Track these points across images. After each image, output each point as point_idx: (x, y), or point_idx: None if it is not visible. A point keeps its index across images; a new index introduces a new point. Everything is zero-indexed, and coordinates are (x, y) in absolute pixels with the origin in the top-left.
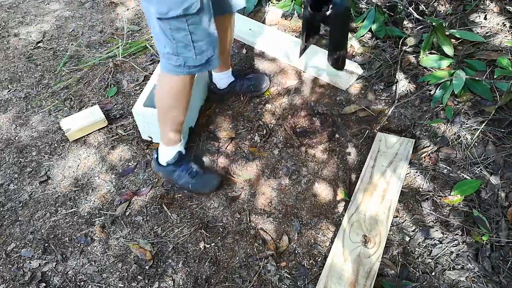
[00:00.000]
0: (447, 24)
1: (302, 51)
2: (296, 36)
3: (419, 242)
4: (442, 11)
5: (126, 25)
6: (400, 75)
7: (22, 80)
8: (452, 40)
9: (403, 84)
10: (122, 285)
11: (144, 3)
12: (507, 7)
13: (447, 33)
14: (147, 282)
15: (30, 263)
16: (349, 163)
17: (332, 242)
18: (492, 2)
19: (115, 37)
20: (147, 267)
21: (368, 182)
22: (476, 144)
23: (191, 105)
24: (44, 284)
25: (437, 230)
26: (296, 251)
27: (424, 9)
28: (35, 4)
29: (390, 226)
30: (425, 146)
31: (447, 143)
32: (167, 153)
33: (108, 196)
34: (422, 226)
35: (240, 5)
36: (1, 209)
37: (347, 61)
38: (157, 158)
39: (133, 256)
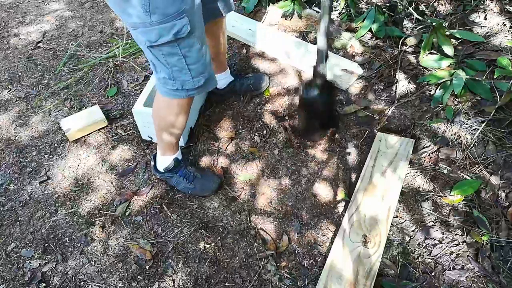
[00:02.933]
0: (447, 24)
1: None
2: (296, 36)
3: (419, 242)
4: (442, 11)
5: (126, 25)
6: (400, 75)
7: (22, 80)
8: (452, 40)
9: (403, 84)
10: (122, 285)
11: (132, 32)
12: (507, 7)
13: (447, 33)
14: (147, 282)
15: (30, 263)
16: (349, 163)
17: (332, 242)
18: (492, 2)
19: (115, 37)
20: (147, 267)
21: (368, 182)
22: (476, 144)
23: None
24: (44, 284)
25: (437, 230)
26: (296, 251)
27: (424, 9)
28: (35, 4)
29: (390, 226)
30: (425, 146)
31: (447, 143)
32: (164, 161)
33: (108, 196)
34: (422, 226)
35: (228, 10)
36: (1, 209)
37: (347, 61)
38: (155, 164)
39: (133, 256)
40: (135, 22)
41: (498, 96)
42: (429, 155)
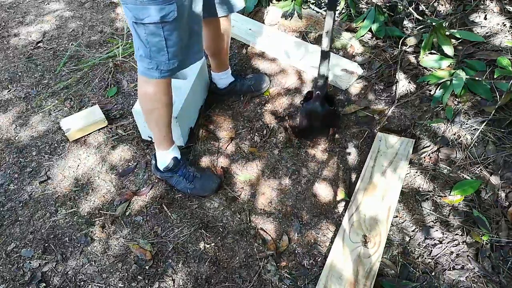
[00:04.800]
0: (447, 24)
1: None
2: (296, 36)
3: (419, 242)
4: (442, 11)
5: (126, 25)
6: (400, 75)
7: (22, 80)
8: (452, 40)
9: (403, 84)
10: (122, 285)
11: (124, 7)
12: (507, 7)
13: (447, 33)
14: (147, 282)
15: (30, 263)
16: (349, 163)
17: (332, 242)
18: (492, 2)
19: (115, 37)
20: (147, 267)
21: (368, 182)
22: (476, 144)
23: (191, 105)
24: (44, 284)
25: (437, 230)
26: (296, 251)
27: (424, 9)
28: (35, 4)
29: (390, 226)
30: (425, 146)
31: (447, 143)
32: (163, 159)
33: (108, 196)
34: (422, 226)
35: (237, 7)
36: (1, 209)
37: (347, 61)
38: (155, 164)
39: (133, 256)
40: None
41: (498, 96)
42: (429, 155)
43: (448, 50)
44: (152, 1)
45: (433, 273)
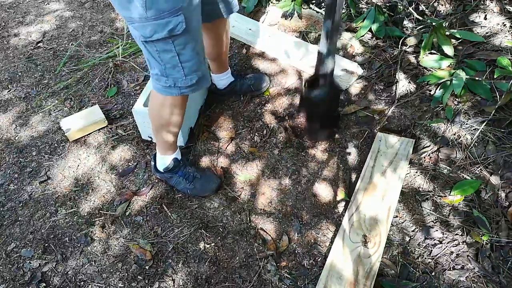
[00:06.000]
0: (447, 24)
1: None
2: (296, 36)
3: (419, 242)
4: (442, 11)
5: (126, 25)
6: (400, 75)
7: (22, 80)
8: (452, 40)
9: (403, 84)
10: (122, 285)
11: (130, 27)
12: (507, 7)
13: (447, 33)
14: (147, 282)
15: (30, 263)
16: (349, 163)
17: (332, 242)
18: (492, 2)
19: (115, 37)
20: (147, 267)
21: (368, 182)
22: (476, 144)
23: (191, 105)
24: (44, 284)
25: (437, 230)
26: (296, 251)
27: (424, 9)
28: (35, 4)
29: (390, 226)
30: (425, 146)
31: (447, 143)
32: (163, 161)
33: (108, 196)
34: (422, 226)
35: (230, 11)
36: (1, 209)
37: (347, 61)
38: (155, 164)
39: (133, 256)
40: (131, 16)
41: (498, 96)
42: (429, 155)
43: (448, 50)
44: (157, 16)
45: (433, 273)
